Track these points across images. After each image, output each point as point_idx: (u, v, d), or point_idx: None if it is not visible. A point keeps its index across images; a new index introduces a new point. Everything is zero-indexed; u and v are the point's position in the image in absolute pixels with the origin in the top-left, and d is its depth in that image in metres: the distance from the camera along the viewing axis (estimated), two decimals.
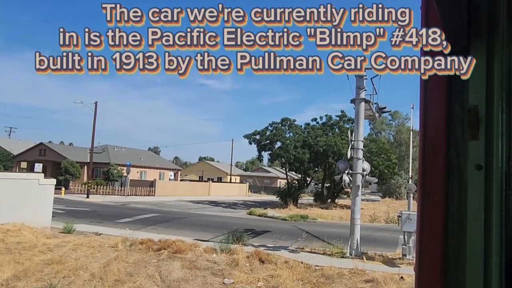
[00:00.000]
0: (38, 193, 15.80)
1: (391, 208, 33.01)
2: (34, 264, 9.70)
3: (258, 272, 10.00)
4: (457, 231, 1.22)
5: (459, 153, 1.24)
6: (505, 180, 1.19)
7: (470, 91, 1.24)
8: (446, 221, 1.23)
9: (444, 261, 1.22)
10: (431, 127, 1.28)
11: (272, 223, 23.39)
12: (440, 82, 1.29)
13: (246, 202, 43.90)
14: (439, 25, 1.28)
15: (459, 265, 1.21)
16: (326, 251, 13.25)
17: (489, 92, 1.22)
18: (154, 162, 59.14)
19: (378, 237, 18.38)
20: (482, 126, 1.21)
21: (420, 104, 1.32)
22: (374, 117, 16.30)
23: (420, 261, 1.26)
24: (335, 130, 38.05)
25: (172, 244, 12.18)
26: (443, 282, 1.21)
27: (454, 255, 1.22)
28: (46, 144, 52.27)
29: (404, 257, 12.66)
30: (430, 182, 1.27)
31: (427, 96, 1.31)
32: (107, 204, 31.89)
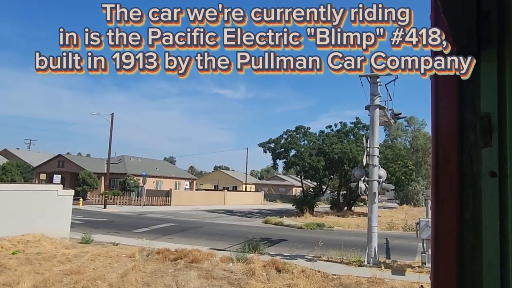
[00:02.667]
0: (57, 204, 16.04)
1: (409, 215, 32.47)
2: (54, 275, 9.83)
3: (275, 281, 9.92)
4: (472, 239, 1.20)
5: (472, 160, 1.22)
6: None
7: (482, 98, 1.23)
8: (461, 229, 1.22)
9: (460, 269, 1.20)
10: (443, 134, 1.28)
11: (288, 232, 23.25)
12: (451, 89, 1.28)
13: (261, 210, 43.77)
14: (448, 33, 1.27)
15: (475, 273, 1.19)
16: (343, 260, 13.08)
17: (501, 99, 1.20)
18: (170, 172, 59.61)
19: (396, 245, 18.06)
20: (495, 133, 1.19)
21: (432, 111, 1.31)
22: (389, 123, 16.14)
23: (436, 270, 1.25)
24: (350, 137, 37.81)
25: (188, 254, 12.20)
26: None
27: (470, 263, 1.20)
28: (65, 156, 53.28)
29: (423, 265, 12.40)
30: (444, 189, 1.25)
31: (438, 103, 1.31)
32: (124, 214, 32.21)
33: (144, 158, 60.32)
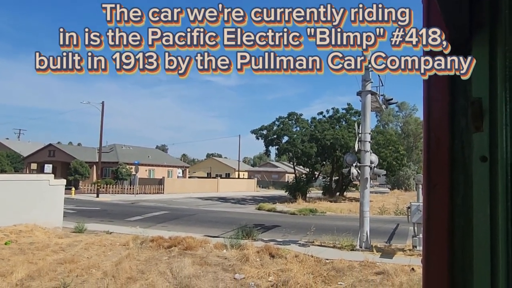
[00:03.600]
0: (49, 194, 15.98)
1: (400, 199, 32.89)
2: (47, 264, 9.85)
3: (268, 266, 10.05)
4: (463, 223, 1.22)
5: (464, 145, 1.24)
6: (510, 171, 1.19)
7: (473, 83, 1.24)
8: (452, 213, 1.24)
9: (451, 253, 1.23)
10: (435, 119, 1.28)
11: (281, 218, 23.44)
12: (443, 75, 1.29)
13: (254, 197, 44.00)
14: (440, 17, 1.27)
15: (466, 256, 1.21)
16: (336, 244, 13.26)
17: (492, 84, 1.21)
18: (162, 160, 59.45)
19: (388, 229, 18.33)
20: (486, 118, 1.20)
21: (424, 97, 1.32)
22: (380, 109, 16.21)
23: (427, 254, 1.27)
24: (342, 123, 37.90)
25: (182, 241, 12.27)
26: (450, 274, 1.22)
27: (461, 247, 1.22)
28: (55, 145, 52.77)
29: (414, 248, 12.62)
30: (435, 174, 1.27)
31: (430, 88, 1.31)
32: (117, 203, 32.17)
33: (136, 147, 60.00)
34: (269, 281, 9.05)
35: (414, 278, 8.85)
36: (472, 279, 1.19)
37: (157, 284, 8.43)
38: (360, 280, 9.00)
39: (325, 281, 9.08)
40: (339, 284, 8.84)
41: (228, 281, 9.02)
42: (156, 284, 8.44)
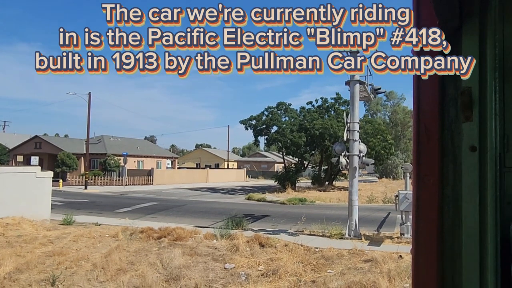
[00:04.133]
0: (36, 186, 15.79)
1: (388, 188, 33.33)
2: (36, 257, 9.77)
3: (258, 256, 10.12)
4: (453, 213, 1.23)
5: (453, 135, 1.25)
6: (499, 160, 1.21)
7: None
8: (441, 203, 1.25)
9: (440, 242, 1.24)
10: (425, 109, 1.29)
11: (271, 207, 23.57)
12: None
13: (244, 187, 44.09)
14: (431, 6, 1.27)
15: (455, 246, 1.23)
16: (325, 233, 13.40)
17: (482, 73, 1.22)
18: (151, 151, 59.05)
19: (376, 217, 18.58)
20: (476, 108, 1.21)
21: (414, 87, 1.32)
22: (369, 98, 16.30)
23: (417, 243, 1.28)
24: (331, 113, 38.06)
25: (172, 232, 12.27)
26: (439, 263, 1.24)
27: (450, 236, 1.24)
28: (41, 137, 51.93)
29: (402, 236, 12.82)
30: (425, 164, 1.27)
31: (420, 79, 1.31)
32: (106, 194, 31.94)
33: (124, 138, 59.44)
34: (259, 270, 9.13)
35: (402, 265, 9.01)
36: (461, 268, 1.21)
37: (147, 275, 8.44)
38: (349, 268, 9.13)
39: (314, 269, 9.20)
40: (328, 272, 8.96)
41: (218, 271, 9.08)
42: (146, 275, 8.45)
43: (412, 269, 1.28)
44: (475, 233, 1.19)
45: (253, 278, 8.61)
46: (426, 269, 1.25)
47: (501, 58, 1.22)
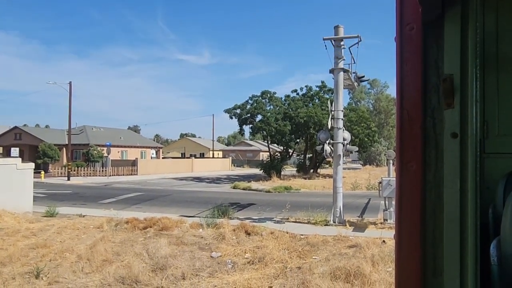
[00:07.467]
0: (17, 178, 15.51)
1: (372, 175, 33.76)
2: (19, 249, 9.61)
3: (244, 244, 10.18)
4: (435, 198, 1.25)
5: (435, 122, 1.26)
6: (479, 146, 1.22)
7: (445, 60, 1.25)
8: (423, 189, 1.26)
9: (422, 227, 1.26)
10: (407, 97, 1.29)
11: (257, 196, 23.68)
12: (416, 52, 1.29)
13: (229, 176, 44.13)
14: None
15: (437, 230, 1.24)
16: (310, 220, 13.54)
17: (463, 60, 1.22)
18: (135, 141, 58.44)
19: (361, 204, 18.85)
20: (457, 94, 1.22)
21: (397, 74, 1.32)
22: (353, 87, 16.39)
23: (400, 229, 1.29)
24: (315, 101, 38.18)
25: (158, 222, 12.23)
26: (422, 247, 1.25)
27: (432, 221, 1.25)
28: (21, 128, 50.84)
29: (385, 221, 13.06)
30: (408, 151, 1.28)
31: (403, 66, 1.31)
32: (89, 185, 31.57)
33: (107, 128, 58.66)
34: (246, 258, 9.18)
35: (385, 250, 9.18)
36: (442, 252, 1.23)
37: (134, 265, 8.39)
38: (334, 254, 9.26)
39: (300, 256, 9.30)
40: (313, 258, 9.07)
41: (205, 260, 9.09)
42: (132, 265, 8.40)
43: (395, 254, 1.30)
44: (456, 218, 1.21)
45: (239, 266, 8.66)
46: (409, 253, 1.26)
47: (482, 45, 1.23)
